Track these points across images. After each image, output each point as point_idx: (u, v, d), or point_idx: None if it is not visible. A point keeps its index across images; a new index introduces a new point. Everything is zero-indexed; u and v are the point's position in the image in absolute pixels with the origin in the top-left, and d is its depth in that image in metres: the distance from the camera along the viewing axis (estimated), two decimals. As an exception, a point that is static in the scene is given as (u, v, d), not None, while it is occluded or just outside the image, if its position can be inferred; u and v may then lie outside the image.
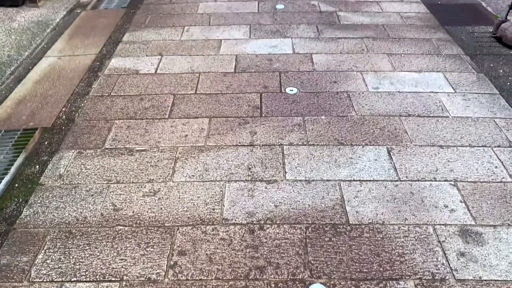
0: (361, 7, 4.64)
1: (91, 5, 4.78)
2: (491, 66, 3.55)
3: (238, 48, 3.87)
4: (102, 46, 3.92)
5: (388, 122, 2.90)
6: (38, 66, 3.60)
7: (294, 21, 4.36)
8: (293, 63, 3.63)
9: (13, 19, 4.25)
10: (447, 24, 4.24)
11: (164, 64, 3.63)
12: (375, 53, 3.75)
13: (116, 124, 2.92)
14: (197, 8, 4.67)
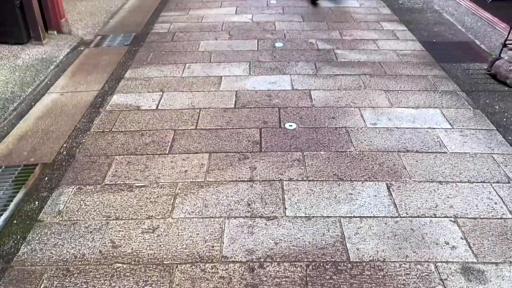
0: (358, 45, 4.75)
1: (94, 42, 4.90)
2: (487, 103, 3.60)
3: (238, 84, 3.94)
4: (104, 82, 3.99)
5: (387, 157, 2.92)
6: (41, 102, 3.65)
7: (293, 59, 4.45)
8: (292, 99, 3.69)
9: (17, 56, 4.34)
10: (442, 62, 4.33)
11: (165, 100, 3.68)
12: (373, 90, 3.81)
13: (117, 159, 2.94)
14: (198, 46, 4.78)
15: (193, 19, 5.60)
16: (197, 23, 5.48)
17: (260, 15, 5.74)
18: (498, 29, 5.01)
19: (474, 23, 5.28)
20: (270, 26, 5.33)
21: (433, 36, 5.01)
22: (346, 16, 5.68)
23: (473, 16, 5.49)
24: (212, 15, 5.73)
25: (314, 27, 5.31)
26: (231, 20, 5.54)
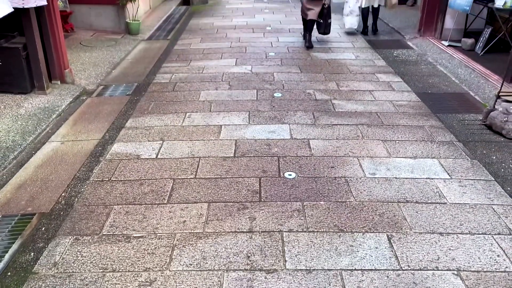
0: (355, 96, 4.86)
1: (96, 92, 4.99)
2: (484, 153, 3.64)
3: (237, 134, 3.98)
4: (105, 131, 4.03)
5: (387, 208, 2.91)
6: (41, 151, 3.67)
7: (291, 108, 4.54)
8: (291, 148, 3.72)
9: (20, 105, 4.42)
10: (438, 112, 4.42)
11: (165, 149, 3.71)
12: (370, 140, 3.86)
13: (115, 209, 2.92)
14: (199, 95, 4.88)
15: (194, 70, 5.75)
16: (198, 73, 5.62)
17: (259, 66, 5.90)
18: (491, 81, 5.14)
19: (468, 75, 5.43)
20: (269, 77, 5.47)
21: (428, 87, 5.14)
22: (342, 68, 5.84)
23: (466, 68, 5.66)
24: (213, 66, 5.89)
25: (312, 78, 5.45)
26: (231, 71, 5.69)
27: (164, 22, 8.57)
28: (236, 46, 6.89)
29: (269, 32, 7.82)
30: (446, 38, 6.75)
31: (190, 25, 8.44)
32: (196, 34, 7.70)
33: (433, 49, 6.59)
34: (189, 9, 10.03)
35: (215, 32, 7.85)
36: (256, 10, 9.88)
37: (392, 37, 7.50)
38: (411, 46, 6.88)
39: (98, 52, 6.40)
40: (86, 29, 7.41)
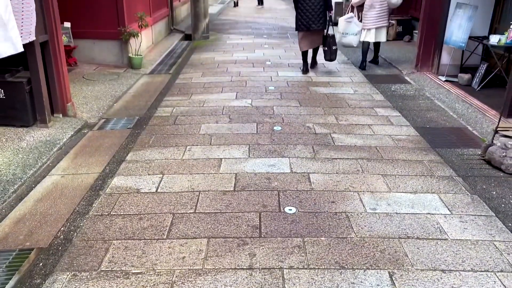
0: (354, 130, 4.90)
1: (98, 125, 5.04)
2: (484, 188, 3.64)
3: (237, 167, 4.00)
4: (105, 165, 4.04)
5: (388, 244, 2.88)
6: (41, 185, 3.67)
7: (291, 142, 4.57)
8: (291, 182, 3.73)
9: (22, 138, 4.45)
10: (437, 147, 4.45)
11: (165, 182, 3.72)
12: (370, 174, 3.87)
13: (114, 244, 2.89)
14: (199, 129, 4.92)
15: (195, 104, 5.82)
16: (199, 107, 5.69)
17: (259, 100, 5.98)
18: (488, 116, 5.20)
19: (465, 110, 5.50)
20: (269, 111, 5.53)
21: (426, 122, 5.20)
22: (341, 102, 5.92)
23: (464, 103, 5.74)
24: (213, 100, 5.97)
25: (311, 111, 5.51)
26: (232, 105, 5.76)
27: (166, 57, 8.74)
28: (237, 80, 7.00)
29: (268, 67, 7.96)
30: (443, 73, 6.88)
31: (192, 60, 8.60)
32: (198, 69, 7.84)
33: (431, 84, 6.70)
34: (190, 44, 10.24)
35: (216, 67, 7.99)
36: (256, 45, 10.09)
37: (390, 72, 7.63)
38: (408, 81, 7.00)
39: (100, 85, 6.49)
40: (89, 63, 7.55)
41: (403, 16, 10.51)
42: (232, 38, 11.15)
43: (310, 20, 7.05)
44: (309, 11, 7.01)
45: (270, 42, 10.42)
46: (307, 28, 7.13)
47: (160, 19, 10.44)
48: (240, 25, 13.72)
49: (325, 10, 7.13)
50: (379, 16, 7.46)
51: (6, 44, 3.94)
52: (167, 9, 11.35)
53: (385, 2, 7.36)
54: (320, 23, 7.11)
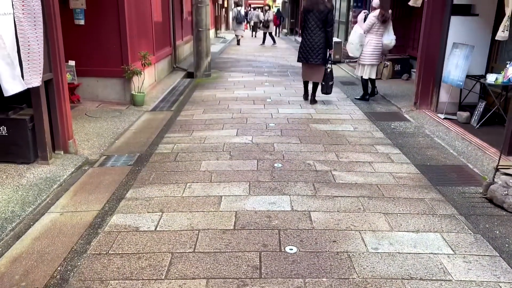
0: (354, 167, 4.90)
1: (99, 162, 5.05)
2: (487, 227, 3.60)
3: (237, 205, 3.97)
4: (105, 202, 4.02)
5: (390, 285, 2.82)
6: (40, 222, 3.64)
7: (292, 179, 4.56)
8: (292, 220, 3.69)
9: (22, 175, 4.44)
10: (438, 185, 4.43)
11: (165, 220, 3.68)
12: (372, 212, 3.84)
13: (111, 285, 2.83)
14: (200, 166, 4.92)
15: (196, 140, 5.85)
16: (200, 144, 5.72)
17: (259, 136, 6.01)
18: (488, 154, 5.21)
19: (465, 148, 5.52)
20: (269, 147, 5.55)
21: (426, 159, 5.20)
22: (341, 139, 5.95)
23: (463, 140, 5.76)
24: (214, 137, 6.01)
25: (311, 149, 5.53)
26: (232, 142, 5.79)
27: (169, 94, 8.86)
28: (238, 117, 7.07)
29: (269, 104, 8.05)
30: (442, 111, 6.94)
31: (194, 97, 8.72)
32: (199, 106, 7.94)
33: (430, 121, 6.76)
34: (193, 82, 10.41)
35: (217, 104, 8.09)
36: (257, 83, 10.26)
37: (389, 110, 7.72)
38: (408, 119, 7.06)
39: (102, 122, 6.55)
40: (92, 100, 7.65)
41: (401, 55, 10.74)
42: (233, 76, 11.36)
43: (309, 54, 7.75)
44: (309, 45, 7.71)
45: (271, 80, 10.59)
46: (305, 61, 7.86)
47: (163, 57, 10.67)
48: (241, 63, 14.01)
49: (325, 47, 7.69)
50: (373, 53, 8.10)
51: (14, 82, 4.03)
52: (170, 48, 11.62)
53: (380, 42, 8.05)
54: (318, 58, 7.71)
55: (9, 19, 3.88)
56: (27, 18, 4.07)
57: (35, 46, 4.22)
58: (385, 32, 8.03)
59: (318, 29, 7.59)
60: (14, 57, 3.98)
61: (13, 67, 3.98)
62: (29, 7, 4.09)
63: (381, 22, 7.90)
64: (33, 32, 4.17)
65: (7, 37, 3.86)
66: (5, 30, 3.83)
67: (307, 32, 7.69)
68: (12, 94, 4.05)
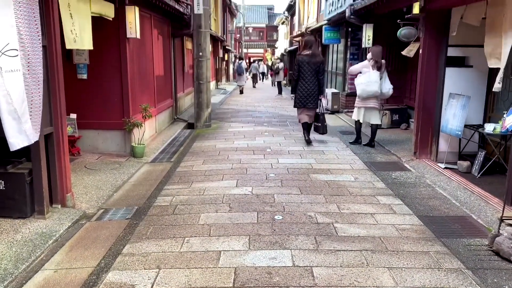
0: (357, 219, 4.81)
1: (96, 216, 4.97)
2: (495, 282, 3.48)
3: (237, 260, 3.85)
4: (101, 258, 3.91)
5: None
6: (33, 281, 3.52)
7: (293, 232, 4.46)
8: (294, 276, 3.57)
9: (18, 230, 4.36)
10: (442, 237, 4.33)
11: (161, 278, 3.56)
12: (375, 267, 3.72)
13: None
14: (199, 219, 4.84)
15: (195, 192, 5.80)
16: (199, 196, 5.65)
17: (259, 187, 5.96)
18: (492, 204, 5.14)
19: (468, 198, 5.45)
20: (270, 199, 5.49)
21: (429, 210, 5.12)
22: (342, 189, 5.89)
23: (465, 190, 5.70)
24: (214, 188, 5.95)
25: (312, 200, 5.47)
26: (232, 193, 5.73)
27: (169, 145, 8.90)
28: (237, 168, 7.05)
29: (269, 154, 8.06)
30: (442, 160, 6.93)
31: (194, 148, 8.75)
32: (199, 156, 7.94)
33: (430, 171, 6.73)
34: (193, 133, 10.49)
35: (217, 154, 8.10)
36: (257, 133, 10.33)
37: (389, 159, 7.71)
38: (408, 168, 7.03)
39: (101, 175, 6.52)
40: (92, 153, 7.67)
41: (398, 105, 10.90)
42: (233, 126, 11.46)
43: (307, 99, 8.67)
44: (306, 92, 8.62)
45: (270, 130, 10.67)
46: (304, 106, 8.77)
47: (164, 109, 10.82)
48: (241, 114, 14.20)
49: (319, 93, 8.73)
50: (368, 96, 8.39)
51: (20, 137, 4.06)
52: (171, 100, 11.82)
53: None
54: (315, 103, 8.73)
55: (18, 75, 3.96)
56: (32, 74, 4.16)
57: (37, 101, 4.28)
58: (382, 81, 8.28)
59: (313, 78, 8.56)
60: (22, 112, 4.04)
61: (20, 122, 4.03)
62: (34, 64, 4.18)
63: (377, 69, 8.20)
64: (36, 88, 4.24)
65: (15, 93, 3.93)
66: (13, 86, 3.90)
67: (304, 81, 8.58)
68: (18, 148, 4.06)
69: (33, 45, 4.16)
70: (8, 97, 3.87)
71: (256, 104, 17.31)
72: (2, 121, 3.92)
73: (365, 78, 8.29)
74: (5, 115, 3.90)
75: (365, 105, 8.46)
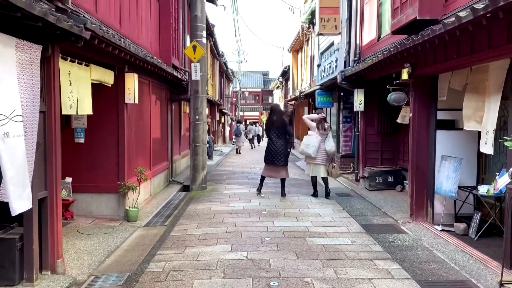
0: (354, 284, 4.69)
1: (87, 283, 4.82)
2: None
3: (231, 331, 3.70)
4: (89, 329, 3.75)
5: None
6: None
7: (289, 299, 4.33)
8: None
9: (4, 299, 4.21)
10: (442, 303, 4.21)
11: None
12: (375, 337, 3.57)
13: None
14: (192, 286, 4.71)
15: (188, 257, 5.67)
16: (192, 261, 5.53)
17: (255, 252, 5.85)
18: (491, 267, 5.05)
19: (466, 261, 5.36)
20: (265, 264, 5.37)
21: (427, 274, 5.01)
22: (339, 253, 5.79)
23: (463, 253, 5.62)
24: (208, 253, 5.83)
25: (309, 264, 5.35)
26: (226, 258, 5.61)
27: (163, 208, 8.83)
28: (232, 231, 6.95)
29: (264, 217, 7.99)
30: (438, 222, 6.89)
31: (188, 211, 8.67)
32: (193, 220, 7.85)
33: (427, 234, 6.66)
34: (188, 195, 10.44)
35: (212, 217, 8.02)
36: (252, 195, 10.30)
37: (385, 222, 7.65)
38: (405, 231, 6.96)
39: (94, 239, 6.41)
40: (86, 217, 7.58)
41: (392, 167, 10.99)
42: (229, 188, 11.44)
43: (274, 157, 9.79)
44: (274, 151, 9.77)
45: (266, 192, 10.64)
46: (272, 163, 9.86)
47: (160, 172, 10.86)
48: (237, 175, 14.23)
49: (286, 151, 9.91)
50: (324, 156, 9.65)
51: (21, 202, 4.06)
52: (168, 163, 11.89)
53: (323, 145, 9.59)
54: (282, 161, 9.79)
55: (21, 140, 4.03)
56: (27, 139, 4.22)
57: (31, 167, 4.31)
58: (326, 140, 9.65)
59: (279, 139, 9.78)
60: (24, 177, 4.07)
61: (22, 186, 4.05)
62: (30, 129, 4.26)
63: (323, 130, 9.58)
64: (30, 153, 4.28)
65: (19, 158, 3.98)
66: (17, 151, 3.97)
67: (272, 141, 9.80)
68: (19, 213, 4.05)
69: (31, 111, 4.26)
70: (14, 161, 3.92)
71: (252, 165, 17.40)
72: (5, 186, 3.94)
73: (306, 140, 9.70)
74: (9, 180, 3.93)
75: (312, 161, 9.71)
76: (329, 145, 9.67)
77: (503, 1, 3.96)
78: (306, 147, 9.63)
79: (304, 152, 9.73)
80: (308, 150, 9.60)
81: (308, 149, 9.61)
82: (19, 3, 3.48)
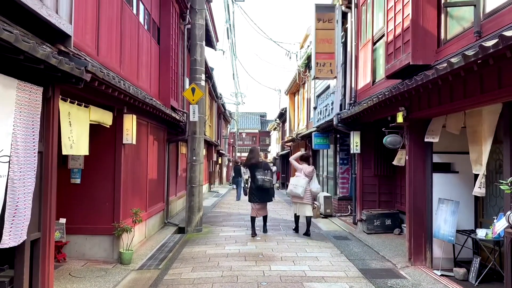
0: (353, 332, 4.55)
1: (76, 329, 4.65)
2: None
3: None
4: None
5: None
6: None
7: None
8: None
9: None
10: None
11: None
12: None
13: None
14: (185, 333, 4.54)
15: (182, 303, 5.50)
16: (187, 307, 5.36)
17: (251, 298, 5.69)
18: (493, 315, 4.92)
19: (467, 308, 5.23)
20: (261, 310, 5.21)
21: (428, 322, 4.87)
22: (337, 299, 5.64)
23: (464, 300, 5.49)
24: (203, 298, 5.67)
25: (306, 311, 5.20)
26: (221, 304, 5.45)
27: (158, 251, 8.65)
28: (228, 276, 6.79)
29: (261, 260, 7.83)
30: (437, 267, 6.77)
31: (183, 254, 8.50)
32: (188, 263, 7.68)
33: (427, 279, 6.53)
34: (183, 237, 10.27)
35: (207, 261, 7.85)
36: (249, 237, 10.14)
37: (384, 266, 7.51)
38: (404, 276, 6.82)
39: (86, 283, 6.24)
40: (78, 259, 7.41)
41: (390, 210, 10.92)
42: (224, 231, 11.28)
43: (261, 196, 10.28)
44: (261, 190, 10.17)
45: (263, 234, 10.50)
46: (262, 201, 10.35)
47: (155, 213, 10.73)
48: (233, 217, 14.07)
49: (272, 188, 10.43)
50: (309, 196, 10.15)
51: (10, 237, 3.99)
52: (163, 204, 11.77)
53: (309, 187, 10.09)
54: (270, 199, 10.45)
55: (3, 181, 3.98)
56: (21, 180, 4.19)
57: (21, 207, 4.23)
58: (312, 181, 10.20)
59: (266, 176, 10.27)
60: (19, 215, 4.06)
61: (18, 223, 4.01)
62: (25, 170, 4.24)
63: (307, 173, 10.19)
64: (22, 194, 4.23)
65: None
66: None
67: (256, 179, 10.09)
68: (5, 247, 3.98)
69: (26, 152, 4.26)
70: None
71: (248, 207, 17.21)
72: None
73: (294, 181, 10.24)
74: None
75: (299, 201, 10.19)
76: (314, 186, 10.28)
77: (493, 48, 4.09)
78: (295, 187, 10.12)
79: (292, 192, 10.18)
80: (296, 190, 10.06)
81: (296, 189, 10.07)
82: (23, 46, 3.56)
